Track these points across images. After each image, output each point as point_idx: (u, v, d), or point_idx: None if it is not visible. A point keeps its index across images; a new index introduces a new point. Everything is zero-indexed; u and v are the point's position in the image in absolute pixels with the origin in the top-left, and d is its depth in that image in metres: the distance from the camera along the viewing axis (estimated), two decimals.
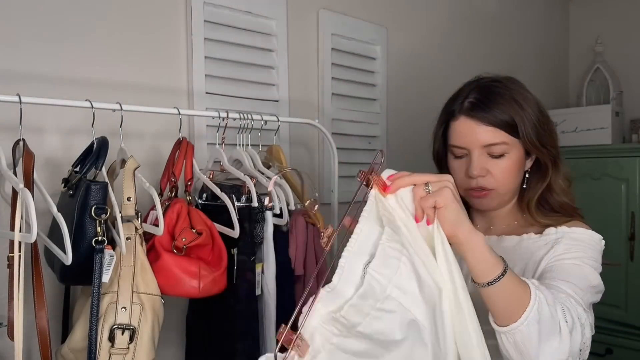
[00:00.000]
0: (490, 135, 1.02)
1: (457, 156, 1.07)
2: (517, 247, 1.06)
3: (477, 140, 1.02)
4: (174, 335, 1.35)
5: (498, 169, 1.03)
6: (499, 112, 1.02)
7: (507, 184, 1.05)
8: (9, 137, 1.00)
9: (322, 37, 1.72)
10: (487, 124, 1.02)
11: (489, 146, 1.02)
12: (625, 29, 2.73)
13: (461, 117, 1.05)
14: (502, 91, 1.05)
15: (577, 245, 1.01)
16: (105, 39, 1.27)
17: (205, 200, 1.21)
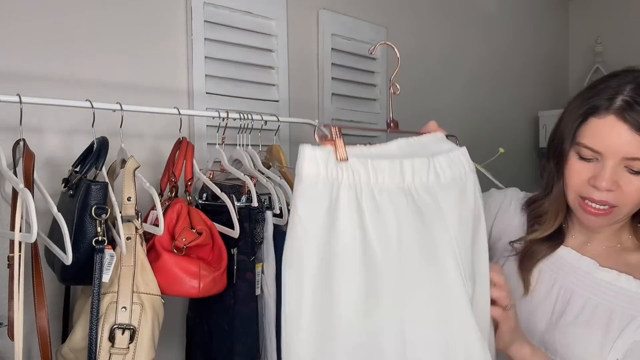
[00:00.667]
0: (638, 147, 0.84)
1: (585, 158, 0.90)
2: (611, 285, 0.92)
3: (621, 149, 0.85)
4: (174, 335, 1.35)
5: (631, 186, 0.87)
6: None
7: (632, 205, 0.89)
8: (9, 137, 1.00)
9: (322, 37, 1.73)
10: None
11: (632, 160, 0.85)
12: (625, 29, 2.74)
13: (609, 116, 0.86)
14: None
15: None
16: (106, 39, 1.27)
17: (205, 200, 1.21)
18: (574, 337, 0.91)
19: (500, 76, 2.45)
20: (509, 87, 2.48)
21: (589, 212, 0.91)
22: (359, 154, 0.73)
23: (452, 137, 0.86)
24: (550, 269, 0.98)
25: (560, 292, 0.95)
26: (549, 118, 2.63)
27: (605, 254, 0.96)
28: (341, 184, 0.70)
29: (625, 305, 0.89)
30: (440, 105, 2.15)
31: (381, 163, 0.72)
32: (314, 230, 0.68)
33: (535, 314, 0.96)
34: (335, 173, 0.70)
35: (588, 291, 0.93)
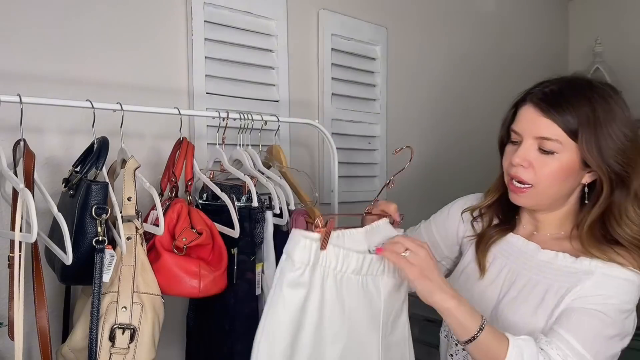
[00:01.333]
0: (547, 128, 0.98)
1: (512, 141, 1.05)
2: (549, 264, 1.04)
3: (532, 130, 1.00)
4: (174, 335, 1.35)
5: (544, 167, 0.99)
6: (566, 110, 0.97)
7: (548, 185, 1.01)
8: (9, 137, 1.00)
9: (322, 37, 1.73)
10: (548, 117, 0.98)
11: (542, 139, 0.99)
12: (625, 29, 2.74)
13: (528, 103, 1.03)
14: (584, 92, 0.99)
15: (608, 286, 0.96)
16: (106, 39, 1.27)
17: (206, 200, 1.21)
18: (515, 311, 1.04)
19: (500, 76, 2.45)
20: (509, 87, 2.47)
21: (512, 190, 1.05)
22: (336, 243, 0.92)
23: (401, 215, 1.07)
24: (502, 255, 1.12)
25: (507, 275, 1.09)
26: None
27: (549, 241, 1.08)
28: (315, 269, 0.89)
29: (562, 279, 1.01)
30: (440, 105, 2.15)
31: (350, 255, 0.93)
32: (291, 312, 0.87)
33: (486, 294, 1.10)
34: (316, 260, 0.89)
35: (530, 272, 1.06)
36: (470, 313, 0.91)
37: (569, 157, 0.98)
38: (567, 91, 1.00)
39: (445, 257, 1.25)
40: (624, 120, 0.99)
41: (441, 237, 1.25)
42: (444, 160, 2.17)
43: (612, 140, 0.97)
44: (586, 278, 0.98)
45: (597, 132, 0.96)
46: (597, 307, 0.95)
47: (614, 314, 0.95)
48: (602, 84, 1.04)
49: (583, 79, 1.06)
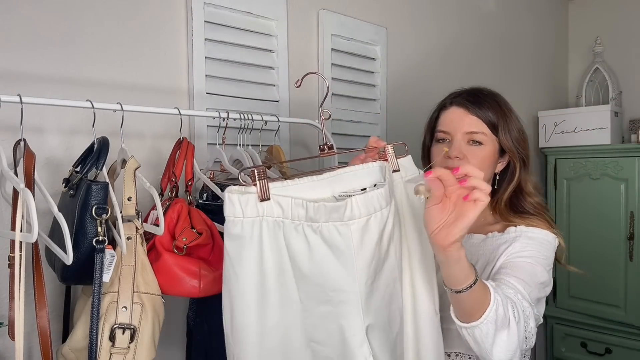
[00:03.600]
0: (474, 124, 1.18)
1: (439, 140, 1.22)
2: (482, 244, 1.20)
3: (462, 127, 1.18)
4: (174, 335, 1.35)
5: (474, 155, 1.17)
6: (486, 109, 1.19)
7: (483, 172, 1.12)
8: (9, 137, 1.00)
9: (322, 37, 1.73)
10: (474, 114, 1.18)
11: (471, 133, 1.18)
12: (625, 29, 2.74)
13: (453, 106, 1.21)
14: (491, 95, 1.23)
15: (532, 244, 1.14)
16: (106, 39, 1.27)
17: (206, 200, 1.21)
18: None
19: (500, 76, 2.45)
20: (509, 87, 2.48)
21: None
22: (282, 192, 0.85)
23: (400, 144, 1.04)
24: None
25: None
26: (549, 118, 2.63)
27: (475, 226, 1.18)
28: (262, 220, 0.84)
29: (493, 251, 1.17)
30: None
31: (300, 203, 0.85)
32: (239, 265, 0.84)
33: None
34: (255, 212, 0.84)
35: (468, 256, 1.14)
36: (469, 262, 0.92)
37: (491, 147, 1.19)
38: (481, 94, 1.22)
39: None
40: (515, 114, 1.24)
41: None
42: None
43: (516, 131, 1.21)
44: (514, 241, 1.14)
45: (509, 125, 1.20)
46: (528, 260, 1.11)
47: (541, 265, 1.11)
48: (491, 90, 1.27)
49: (484, 88, 1.26)
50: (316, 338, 0.89)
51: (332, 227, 0.86)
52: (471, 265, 0.92)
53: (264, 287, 0.85)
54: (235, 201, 0.83)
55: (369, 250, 0.88)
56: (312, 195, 0.88)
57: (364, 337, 0.88)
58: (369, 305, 0.89)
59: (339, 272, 0.87)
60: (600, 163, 2.45)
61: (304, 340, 0.89)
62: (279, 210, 0.85)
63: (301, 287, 0.87)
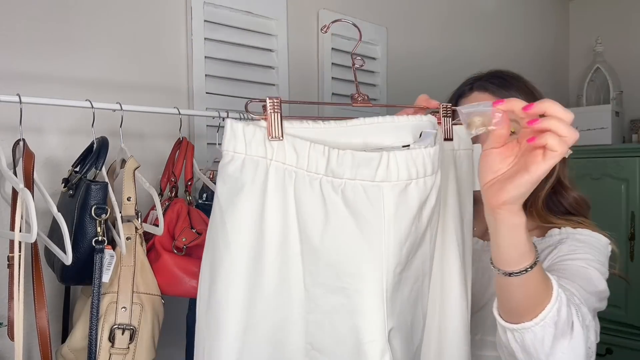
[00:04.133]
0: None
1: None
2: None
3: None
4: (174, 335, 1.35)
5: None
6: (513, 91, 0.98)
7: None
8: (9, 137, 1.00)
9: (322, 36, 1.72)
10: (499, 96, 0.96)
11: None
12: (625, 29, 2.73)
13: (474, 92, 1.02)
14: (517, 77, 1.05)
15: (583, 247, 0.92)
16: (106, 39, 1.27)
17: (206, 200, 1.21)
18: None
19: None
20: None
21: None
22: (299, 134, 0.65)
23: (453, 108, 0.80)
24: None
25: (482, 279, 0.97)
26: None
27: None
28: (270, 164, 0.64)
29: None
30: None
31: (321, 149, 0.65)
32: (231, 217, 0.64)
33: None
34: (263, 151, 0.64)
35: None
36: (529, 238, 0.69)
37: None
38: (506, 76, 1.04)
39: None
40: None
41: None
42: None
43: None
44: (560, 244, 0.93)
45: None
46: (581, 263, 0.88)
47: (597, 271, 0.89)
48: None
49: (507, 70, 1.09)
50: (319, 344, 0.68)
51: (359, 187, 0.66)
52: (531, 243, 0.68)
53: (260, 256, 0.65)
54: (238, 131, 0.64)
55: (405, 225, 0.67)
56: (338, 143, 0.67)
57: (385, 345, 0.66)
58: (394, 301, 0.68)
59: (361, 249, 0.66)
60: (601, 163, 2.44)
61: (301, 345, 0.68)
62: (293, 155, 0.65)
63: (307, 266, 0.66)
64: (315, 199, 0.65)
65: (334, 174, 0.65)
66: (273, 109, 0.66)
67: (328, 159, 0.65)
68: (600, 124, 2.49)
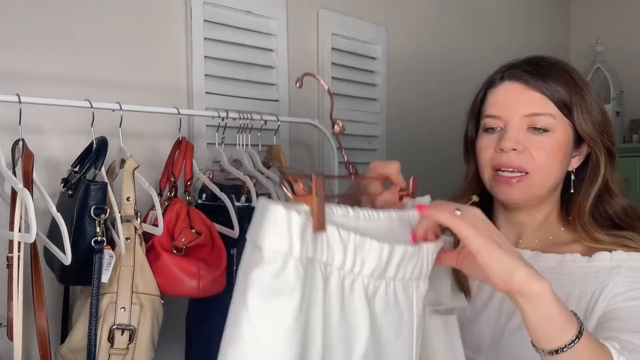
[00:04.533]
0: (536, 102, 0.85)
1: (489, 128, 0.89)
2: (558, 270, 0.85)
3: (519, 108, 0.85)
4: (173, 335, 1.34)
5: (538, 148, 0.84)
6: (553, 81, 0.85)
7: (548, 169, 0.86)
8: (8, 137, 1.00)
9: (322, 37, 1.72)
10: (535, 89, 0.85)
11: (532, 116, 0.85)
12: (625, 29, 2.73)
13: (505, 81, 0.89)
14: (559, 64, 0.89)
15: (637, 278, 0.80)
16: (105, 38, 1.27)
17: (205, 200, 1.21)
18: (525, 340, 0.74)
19: None
20: None
21: (504, 182, 0.87)
22: (341, 222, 0.54)
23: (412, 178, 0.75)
24: None
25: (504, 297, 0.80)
26: None
27: (542, 246, 0.90)
28: (308, 264, 0.51)
29: (580, 284, 0.82)
30: (441, 105, 2.15)
31: (367, 244, 0.55)
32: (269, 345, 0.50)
33: (479, 320, 0.89)
34: (306, 250, 0.50)
35: None
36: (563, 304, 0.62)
37: (563, 134, 0.86)
38: (544, 62, 0.89)
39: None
40: (596, 92, 0.91)
41: None
42: (444, 159, 2.17)
43: (598, 112, 0.88)
44: (613, 275, 0.81)
45: (587, 104, 0.87)
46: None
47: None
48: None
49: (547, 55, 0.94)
50: None
51: (400, 287, 0.58)
52: (568, 310, 0.62)
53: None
54: (287, 225, 0.49)
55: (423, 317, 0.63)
56: (376, 233, 0.57)
57: None
58: None
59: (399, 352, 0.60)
60: None
61: None
62: (340, 253, 0.53)
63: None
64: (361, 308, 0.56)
65: (379, 274, 0.57)
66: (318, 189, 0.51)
67: (380, 256, 0.56)
68: None
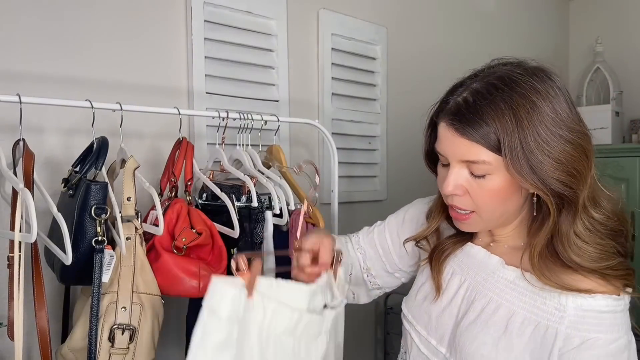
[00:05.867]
0: (469, 150, 0.80)
1: (443, 164, 0.88)
2: (513, 284, 0.87)
3: (455, 153, 0.82)
4: (174, 335, 1.35)
5: (479, 191, 0.83)
6: (483, 123, 0.78)
7: (490, 210, 0.85)
8: (9, 137, 1.00)
9: (322, 37, 1.73)
10: (466, 137, 0.80)
11: (468, 163, 0.82)
12: (625, 29, 2.73)
13: (443, 121, 0.83)
14: (502, 94, 0.79)
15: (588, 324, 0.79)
16: (106, 39, 1.27)
17: (205, 200, 1.21)
18: (472, 338, 0.87)
19: None
20: None
21: (455, 217, 0.90)
22: (267, 293, 0.74)
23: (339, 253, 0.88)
24: (461, 269, 0.95)
25: (466, 293, 0.93)
26: None
27: (510, 252, 0.91)
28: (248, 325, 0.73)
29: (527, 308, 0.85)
30: None
31: (281, 310, 0.75)
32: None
33: (443, 315, 0.94)
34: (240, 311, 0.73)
35: (491, 291, 0.89)
36: None
37: (504, 176, 0.80)
38: (481, 97, 0.80)
39: (398, 269, 1.08)
40: (559, 118, 0.79)
41: (394, 245, 1.07)
42: None
43: (546, 151, 0.77)
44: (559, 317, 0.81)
45: (525, 145, 0.77)
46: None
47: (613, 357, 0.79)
48: (527, 72, 0.81)
49: (502, 72, 0.82)
50: None
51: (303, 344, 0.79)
52: None
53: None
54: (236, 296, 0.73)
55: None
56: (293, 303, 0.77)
57: None
58: None
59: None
60: (601, 163, 2.41)
61: None
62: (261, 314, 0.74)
63: None
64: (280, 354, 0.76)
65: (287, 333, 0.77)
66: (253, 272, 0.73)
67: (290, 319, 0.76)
68: (600, 124, 2.49)
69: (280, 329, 0.75)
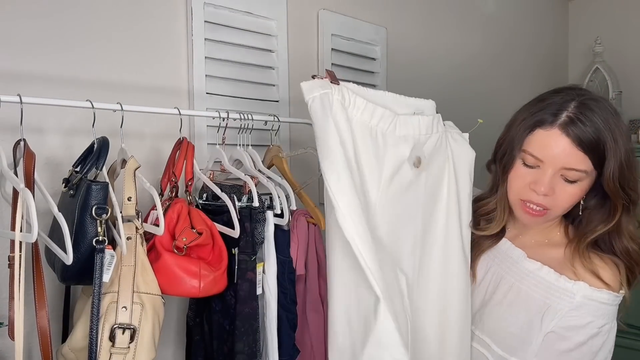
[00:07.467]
0: (579, 161, 0.96)
1: (528, 165, 1.01)
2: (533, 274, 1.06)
3: (561, 160, 0.96)
4: (174, 335, 1.35)
5: (564, 193, 0.99)
6: (599, 145, 0.95)
7: (564, 209, 1.03)
8: (9, 137, 1.00)
9: (322, 37, 1.73)
10: (581, 148, 0.95)
11: (569, 170, 0.97)
12: (625, 29, 2.74)
13: (554, 129, 0.97)
14: (603, 114, 0.96)
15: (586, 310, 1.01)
16: (106, 39, 1.27)
17: (206, 200, 1.21)
18: (498, 317, 1.08)
19: (500, 76, 2.45)
20: (509, 86, 2.48)
21: (527, 212, 1.04)
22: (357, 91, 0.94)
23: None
24: (488, 257, 1.14)
25: (492, 277, 1.11)
26: None
27: (534, 247, 1.09)
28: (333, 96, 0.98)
29: (542, 293, 1.04)
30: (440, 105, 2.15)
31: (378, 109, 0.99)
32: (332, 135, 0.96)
33: (474, 295, 1.13)
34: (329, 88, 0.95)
35: (514, 278, 1.08)
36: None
37: (588, 183, 0.99)
38: (591, 114, 0.96)
39: None
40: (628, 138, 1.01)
41: None
42: None
43: (627, 162, 0.98)
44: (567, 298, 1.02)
45: (622, 166, 0.97)
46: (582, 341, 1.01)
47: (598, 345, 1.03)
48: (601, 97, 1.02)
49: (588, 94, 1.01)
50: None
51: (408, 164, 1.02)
52: None
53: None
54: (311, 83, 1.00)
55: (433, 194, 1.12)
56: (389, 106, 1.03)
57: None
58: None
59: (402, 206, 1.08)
60: None
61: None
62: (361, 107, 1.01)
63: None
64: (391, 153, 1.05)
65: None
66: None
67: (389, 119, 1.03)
68: None
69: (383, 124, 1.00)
